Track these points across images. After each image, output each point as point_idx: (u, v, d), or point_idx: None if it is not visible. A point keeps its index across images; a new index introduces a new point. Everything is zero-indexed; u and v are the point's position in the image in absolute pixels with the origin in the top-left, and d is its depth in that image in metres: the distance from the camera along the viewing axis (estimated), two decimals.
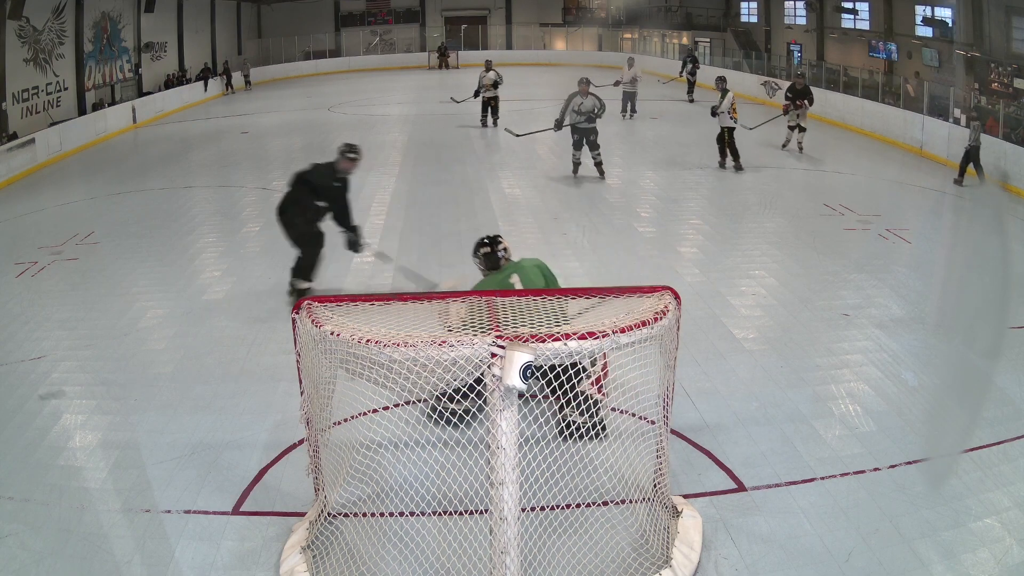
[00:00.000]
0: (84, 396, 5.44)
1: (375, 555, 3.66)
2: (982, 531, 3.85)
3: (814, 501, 4.10)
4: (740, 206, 10.25)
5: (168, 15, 24.96)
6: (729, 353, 5.90)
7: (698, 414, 4.99)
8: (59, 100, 18.38)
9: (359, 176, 12.28)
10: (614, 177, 11.87)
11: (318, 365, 3.60)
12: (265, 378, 5.58)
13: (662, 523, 3.81)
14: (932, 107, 14.37)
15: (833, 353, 5.88)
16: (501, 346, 3.06)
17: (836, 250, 8.31)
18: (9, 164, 13.48)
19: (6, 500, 4.21)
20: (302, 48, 31.98)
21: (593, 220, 9.59)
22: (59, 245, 9.05)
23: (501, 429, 3.10)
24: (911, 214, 9.99)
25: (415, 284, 6.96)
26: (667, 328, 3.50)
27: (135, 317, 6.86)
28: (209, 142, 16.64)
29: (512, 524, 3.18)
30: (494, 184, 11.58)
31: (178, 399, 5.32)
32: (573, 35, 34.70)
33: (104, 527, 3.97)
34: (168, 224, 9.96)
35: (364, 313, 3.58)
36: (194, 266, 8.27)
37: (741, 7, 29.46)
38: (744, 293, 7.15)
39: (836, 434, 4.75)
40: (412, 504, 3.99)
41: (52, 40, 18.15)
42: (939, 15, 20.06)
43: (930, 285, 7.24)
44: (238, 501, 4.18)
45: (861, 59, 22.00)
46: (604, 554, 3.63)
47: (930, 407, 5.09)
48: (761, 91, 21.04)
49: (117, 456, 4.62)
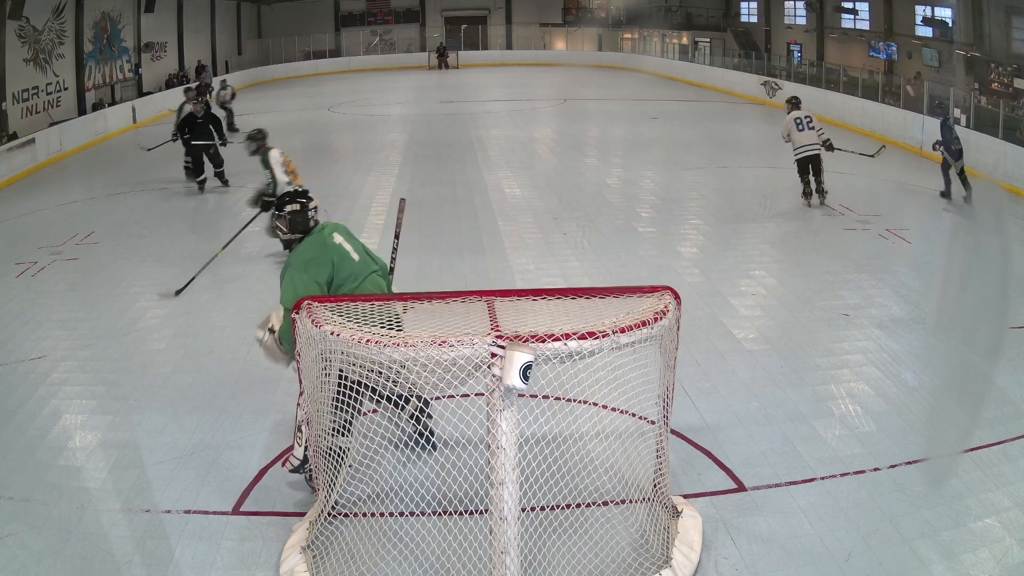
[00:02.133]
0: (84, 396, 5.44)
1: (375, 555, 3.65)
2: (982, 531, 3.85)
3: (814, 501, 4.10)
4: (740, 206, 10.25)
5: (168, 15, 24.96)
6: (729, 353, 5.90)
7: (698, 414, 4.99)
8: (59, 100, 18.37)
9: (359, 176, 12.34)
10: (614, 177, 11.87)
11: (318, 365, 3.61)
12: (265, 378, 5.57)
13: (662, 523, 3.81)
14: (932, 107, 14.37)
15: (833, 353, 5.88)
16: (501, 346, 3.06)
17: (836, 250, 8.31)
18: (9, 164, 13.47)
19: (6, 500, 4.20)
20: (302, 48, 31.99)
21: (593, 220, 9.59)
22: (59, 245, 9.04)
23: (501, 429, 3.10)
24: (911, 214, 9.98)
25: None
26: (667, 328, 3.49)
27: (135, 317, 6.85)
28: None
29: (512, 524, 3.18)
30: (494, 184, 11.59)
31: (178, 399, 5.32)
32: (573, 35, 34.72)
33: (104, 527, 3.96)
34: (168, 224, 9.96)
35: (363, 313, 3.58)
36: (194, 266, 8.26)
37: (741, 7, 29.49)
38: (744, 293, 7.15)
39: (836, 434, 4.75)
40: (412, 504, 3.99)
41: (52, 40, 18.14)
42: (939, 15, 20.08)
43: (930, 285, 7.24)
44: (238, 501, 4.18)
45: (861, 59, 22.01)
46: (604, 554, 3.63)
47: (930, 407, 5.09)
48: (761, 91, 21.06)
49: (117, 456, 4.62)
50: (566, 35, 34.84)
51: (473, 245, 8.70)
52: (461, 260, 8.23)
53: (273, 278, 7.61)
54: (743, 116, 18.97)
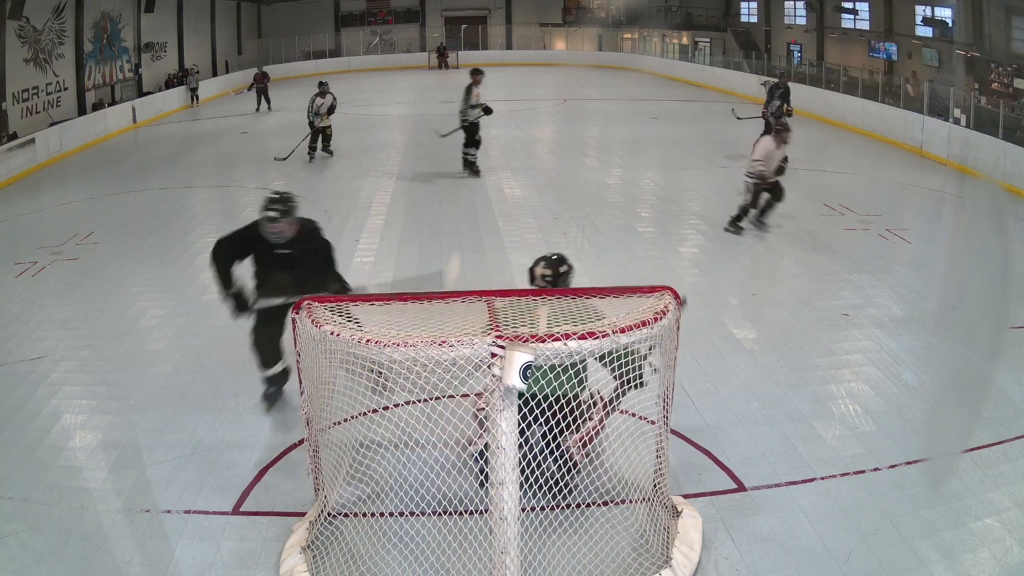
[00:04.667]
0: (84, 396, 5.44)
1: (375, 555, 3.65)
2: (982, 531, 3.85)
3: (814, 501, 4.10)
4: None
5: (168, 15, 24.96)
6: (729, 353, 5.90)
7: (698, 414, 4.99)
8: (59, 100, 18.37)
9: (359, 177, 12.34)
10: (614, 177, 11.87)
11: (318, 365, 3.60)
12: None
13: (662, 523, 3.81)
14: (932, 107, 14.38)
15: (833, 353, 5.88)
16: (501, 346, 3.06)
17: (836, 250, 8.31)
18: (9, 164, 13.47)
19: (6, 500, 4.21)
20: (302, 48, 31.99)
21: (593, 220, 9.59)
22: (59, 245, 9.04)
23: (501, 429, 3.10)
24: (911, 214, 9.98)
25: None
26: (667, 328, 3.49)
27: (135, 317, 6.85)
28: (209, 142, 16.64)
29: (512, 524, 3.18)
30: (494, 184, 11.58)
31: (178, 399, 5.32)
32: (573, 35, 34.72)
33: (104, 527, 3.96)
34: (168, 224, 9.96)
35: (364, 313, 3.59)
36: (194, 266, 8.26)
37: (741, 7, 29.49)
38: (744, 293, 7.15)
39: (836, 434, 4.75)
40: (412, 504, 3.99)
41: (52, 40, 18.15)
42: (939, 15, 20.07)
43: (930, 285, 7.24)
44: (238, 501, 4.18)
45: (861, 59, 22.01)
46: (604, 554, 3.63)
47: (930, 407, 5.09)
48: (761, 91, 21.05)
49: (117, 456, 4.62)
50: (566, 35, 34.83)
51: (473, 245, 8.69)
52: (461, 260, 8.23)
53: None
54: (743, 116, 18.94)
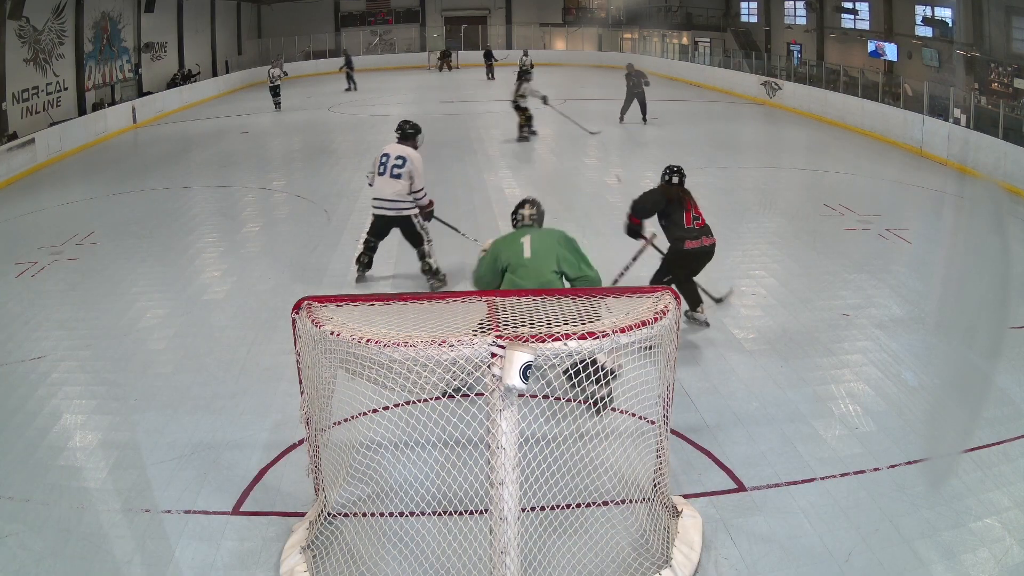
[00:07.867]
0: (84, 396, 5.44)
1: (375, 555, 3.65)
2: (982, 531, 3.85)
3: (814, 501, 4.10)
4: (740, 206, 10.24)
5: (168, 15, 24.95)
6: (729, 353, 5.90)
7: (698, 414, 4.99)
8: (59, 100, 18.37)
9: (359, 176, 12.32)
10: (614, 177, 11.87)
11: (318, 365, 3.60)
12: (265, 378, 5.58)
13: (662, 523, 3.81)
14: (932, 107, 14.38)
15: (833, 353, 5.88)
16: (501, 346, 3.06)
17: (836, 250, 8.31)
18: (9, 164, 13.47)
19: (6, 500, 4.20)
20: (302, 48, 31.98)
21: (593, 220, 9.58)
22: (59, 245, 9.04)
23: (501, 429, 3.10)
24: (911, 214, 9.98)
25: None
26: (667, 328, 3.49)
27: (135, 317, 6.85)
28: (209, 142, 16.64)
29: (512, 524, 3.18)
30: (494, 184, 11.58)
31: (178, 399, 5.32)
32: (573, 35, 34.71)
33: (104, 527, 3.96)
34: (168, 224, 9.96)
35: (364, 313, 3.58)
36: (194, 266, 8.27)
37: (741, 7, 29.47)
38: (744, 293, 7.15)
39: (836, 434, 4.75)
40: (412, 504, 3.99)
41: (52, 40, 18.14)
42: (939, 15, 20.07)
43: (930, 285, 7.24)
44: (238, 501, 4.18)
45: (861, 59, 22.01)
46: (604, 554, 3.63)
47: (930, 407, 5.09)
48: (761, 91, 21.06)
49: (117, 456, 4.62)
50: (566, 35, 34.82)
51: (473, 245, 8.68)
52: (461, 260, 8.22)
53: (273, 278, 7.64)
54: (743, 116, 18.97)
